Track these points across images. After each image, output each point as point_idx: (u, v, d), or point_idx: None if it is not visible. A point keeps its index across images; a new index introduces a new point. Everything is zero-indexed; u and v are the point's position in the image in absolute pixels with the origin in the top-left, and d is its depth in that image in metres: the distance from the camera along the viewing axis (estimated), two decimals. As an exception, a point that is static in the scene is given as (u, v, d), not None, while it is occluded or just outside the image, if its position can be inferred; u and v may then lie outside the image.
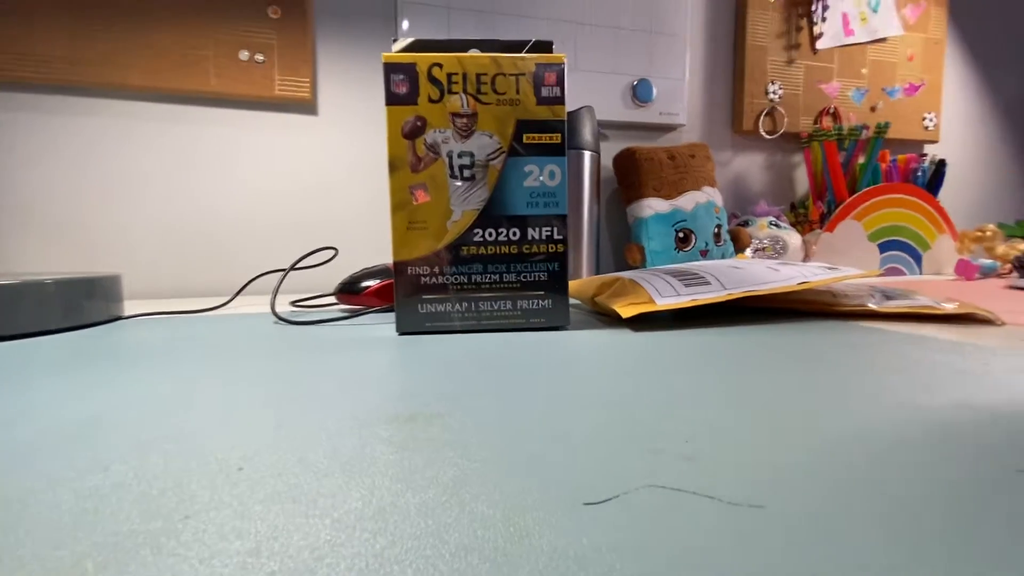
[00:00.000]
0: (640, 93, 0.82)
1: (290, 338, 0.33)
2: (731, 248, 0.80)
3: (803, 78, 0.92)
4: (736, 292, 0.36)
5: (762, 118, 0.91)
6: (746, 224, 0.83)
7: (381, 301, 0.46)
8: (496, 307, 0.34)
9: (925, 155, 0.95)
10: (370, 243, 0.74)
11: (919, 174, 0.86)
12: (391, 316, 0.43)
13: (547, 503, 0.12)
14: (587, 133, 0.70)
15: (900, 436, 0.15)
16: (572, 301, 0.51)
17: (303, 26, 0.67)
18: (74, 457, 0.15)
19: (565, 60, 0.34)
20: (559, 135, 0.34)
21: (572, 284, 0.47)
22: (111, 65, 0.62)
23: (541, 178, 0.34)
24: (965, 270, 0.72)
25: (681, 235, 0.77)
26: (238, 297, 0.55)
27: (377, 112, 0.74)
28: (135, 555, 0.10)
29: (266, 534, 0.11)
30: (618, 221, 0.87)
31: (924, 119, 1.00)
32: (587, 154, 0.70)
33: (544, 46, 0.35)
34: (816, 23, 0.90)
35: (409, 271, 0.34)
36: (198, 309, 0.48)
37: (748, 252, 0.78)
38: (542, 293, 0.35)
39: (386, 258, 0.74)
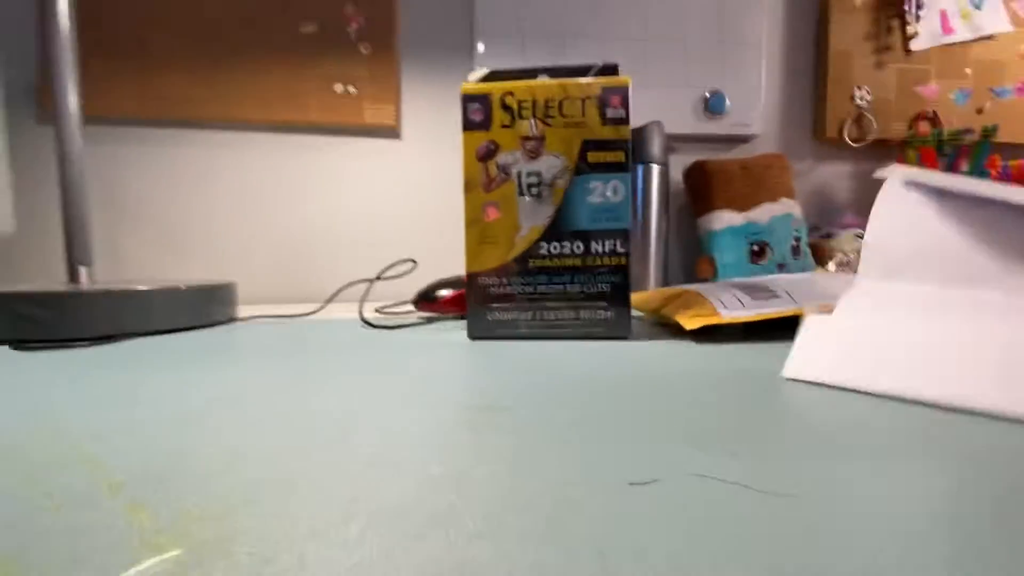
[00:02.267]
0: (713, 105, 0.81)
1: (377, 340, 0.37)
2: (811, 262, 0.76)
3: (895, 81, 0.86)
4: (807, 306, 0.36)
5: (848, 125, 0.86)
6: (829, 237, 0.78)
7: (455, 308, 0.49)
8: (560, 316, 0.36)
9: (1047, 159, 0.85)
10: (446, 256, 0.79)
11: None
12: (464, 323, 0.47)
13: (596, 481, 0.14)
14: (655, 147, 0.70)
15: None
16: (637, 313, 0.52)
17: (390, 60, 0.74)
18: (215, 426, 0.19)
19: (630, 83, 0.36)
20: (623, 153, 0.36)
21: (637, 296, 0.47)
22: (232, 102, 0.71)
23: (605, 194, 0.36)
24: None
25: (756, 248, 0.74)
26: (331, 304, 0.62)
27: (454, 137, 0.79)
28: (269, 495, 0.13)
29: (364, 487, 0.14)
30: (689, 234, 0.86)
31: (1046, 119, 0.90)
32: (655, 168, 0.71)
33: (610, 69, 0.37)
34: (910, 23, 0.84)
35: (480, 281, 0.37)
36: (298, 314, 0.54)
37: (831, 266, 0.74)
38: (604, 304, 0.36)
39: (460, 270, 0.79)
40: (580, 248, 0.36)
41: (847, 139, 0.87)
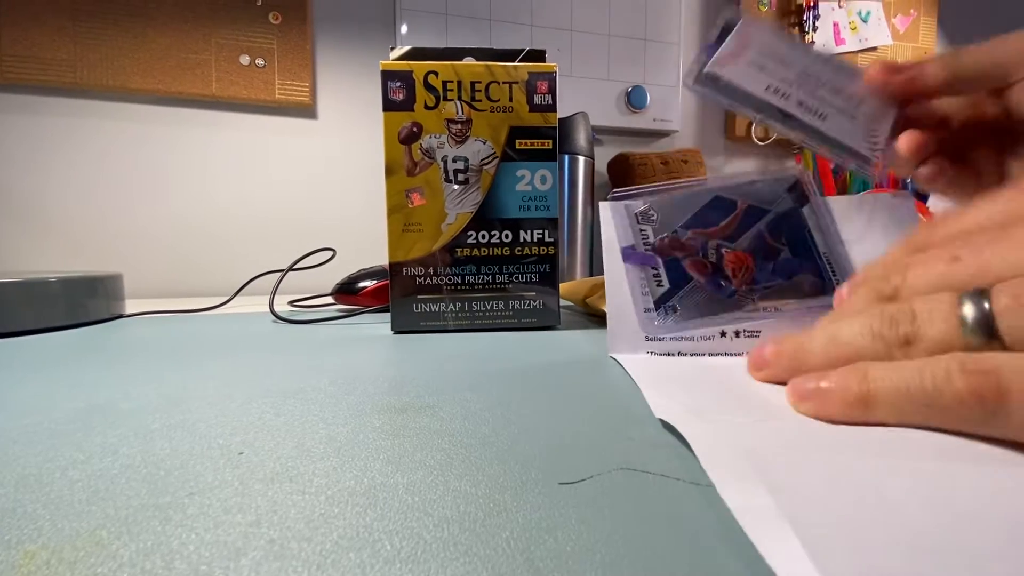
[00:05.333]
0: (634, 100, 0.84)
1: (288, 336, 0.34)
2: (723, 252, 0.81)
3: (795, 86, 0.94)
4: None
5: (754, 125, 0.93)
6: (738, 229, 0.84)
7: (377, 301, 0.47)
8: (488, 307, 0.35)
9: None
10: (367, 244, 0.75)
11: (910, 180, 0.88)
12: (386, 316, 0.44)
13: (525, 483, 0.13)
14: (581, 138, 0.71)
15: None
16: (564, 302, 0.52)
17: (303, 31, 0.69)
18: (83, 443, 0.16)
19: (557, 69, 0.35)
20: (550, 141, 0.35)
21: (563, 285, 0.48)
22: (112, 68, 0.63)
23: (533, 182, 0.35)
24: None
25: (674, 239, 0.78)
26: (237, 297, 0.56)
27: (375, 117, 0.75)
28: (145, 526, 0.11)
29: (266, 508, 0.12)
30: (612, 225, 0.89)
31: (914, 127, 1.02)
32: (581, 159, 0.72)
33: (537, 55, 0.37)
34: (807, 32, 0.92)
35: (404, 272, 0.35)
36: (198, 308, 0.49)
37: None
38: (533, 294, 0.36)
39: (382, 259, 0.75)
40: (509, 237, 0.35)
41: (754, 138, 0.93)
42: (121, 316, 0.45)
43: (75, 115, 0.64)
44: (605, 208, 0.27)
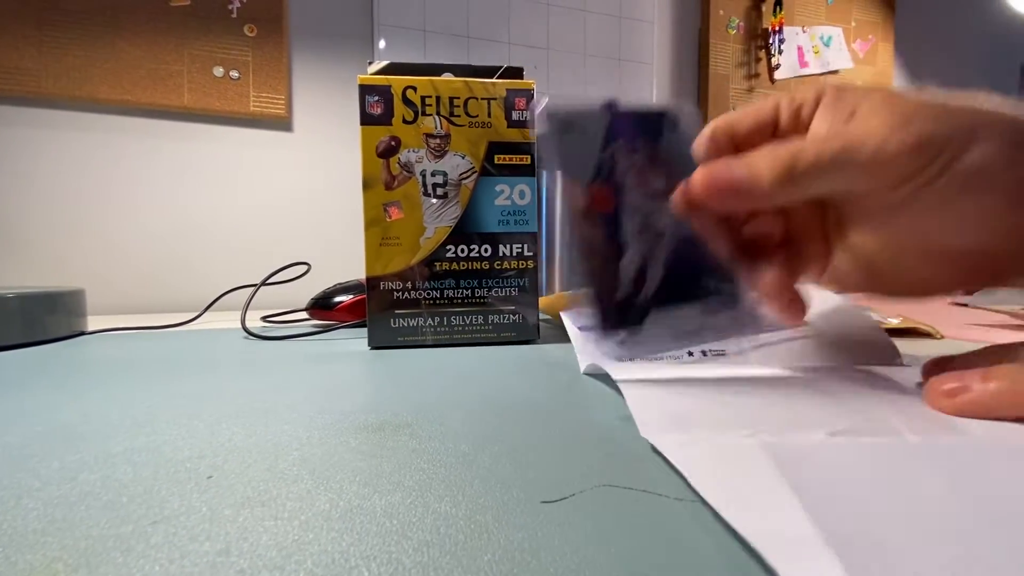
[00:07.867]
0: (610, 116, 0.85)
1: (261, 353, 0.33)
2: (698, 266, 0.82)
3: (763, 105, 0.97)
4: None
5: (726, 142, 0.96)
6: (712, 243, 0.86)
7: (353, 316, 0.46)
8: (467, 321, 0.35)
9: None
10: (343, 259, 0.74)
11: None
12: (363, 331, 0.44)
13: (507, 503, 0.13)
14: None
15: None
16: (543, 316, 0.53)
17: (279, 44, 0.68)
18: (39, 468, 0.15)
19: (535, 86, 0.36)
20: (529, 156, 0.36)
21: (542, 300, 0.48)
22: (80, 78, 0.61)
23: (512, 197, 0.36)
24: (914, 288, 0.76)
25: (650, 253, 0.79)
26: (207, 312, 0.55)
27: (351, 130, 0.75)
28: (105, 557, 0.11)
29: (235, 535, 0.11)
30: (590, 239, 0.90)
31: (875, 146, 1.07)
32: (559, 173, 0.72)
33: (515, 72, 0.37)
34: (774, 55, 0.96)
35: (382, 286, 0.35)
36: (165, 324, 0.47)
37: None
38: (512, 308, 0.36)
39: (358, 274, 0.74)
40: (488, 251, 0.35)
41: (725, 155, 0.96)
42: (83, 333, 0.43)
43: (40, 125, 0.62)
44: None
